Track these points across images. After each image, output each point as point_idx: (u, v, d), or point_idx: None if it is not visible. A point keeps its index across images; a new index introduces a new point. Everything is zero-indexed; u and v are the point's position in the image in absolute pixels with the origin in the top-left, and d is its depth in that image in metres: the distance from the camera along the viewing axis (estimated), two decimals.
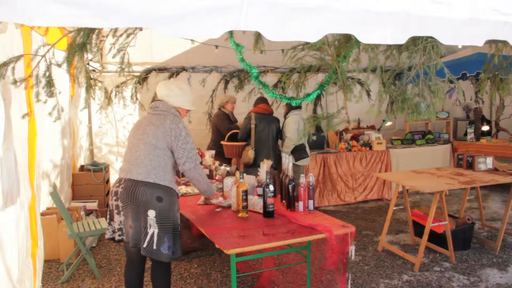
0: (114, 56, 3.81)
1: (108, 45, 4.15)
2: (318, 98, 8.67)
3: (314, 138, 7.80)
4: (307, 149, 6.56)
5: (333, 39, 3.43)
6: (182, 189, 4.64)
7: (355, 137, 8.16)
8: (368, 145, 7.98)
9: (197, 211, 3.97)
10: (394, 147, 8.34)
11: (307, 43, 3.46)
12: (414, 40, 3.11)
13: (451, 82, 8.83)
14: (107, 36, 3.84)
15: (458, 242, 5.36)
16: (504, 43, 3.24)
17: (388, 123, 8.91)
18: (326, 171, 7.53)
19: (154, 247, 3.31)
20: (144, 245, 3.31)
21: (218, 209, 4.03)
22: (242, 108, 7.80)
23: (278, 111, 7.47)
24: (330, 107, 8.82)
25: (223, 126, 6.81)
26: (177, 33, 2.33)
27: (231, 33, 3.58)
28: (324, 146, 8.16)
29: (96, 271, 4.79)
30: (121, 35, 3.86)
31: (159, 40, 7.35)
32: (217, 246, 3.12)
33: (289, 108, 6.42)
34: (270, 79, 8.16)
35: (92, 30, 3.38)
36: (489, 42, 4.31)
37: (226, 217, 3.75)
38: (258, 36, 3.66)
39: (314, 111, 8.71)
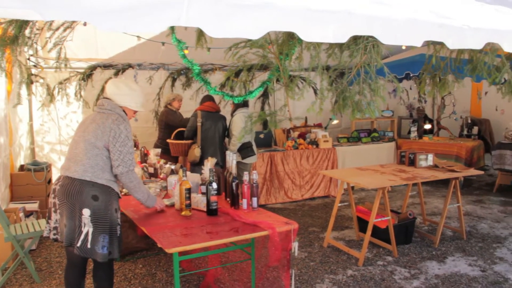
0: (50, 51, 3.67)
1: (51, 40, 4.00)
2: (266, 96, 8.70)
3: (262, 136, 7.83)
4: (254, 147, 6.57)
5: (276, 36, 3.44)
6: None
7: (302, 135, 8.25)
8: (314, 143, 8.08)
9: (140, 210, 3.89)
10: (340, 145, 8.48)
11: (250, 40, 3.45)
12: (355, 39, 3.16)
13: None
14: (42, 29, 3.69)
15: (401, 237, 5.51)
16: (441, 44, 3.33)
17: (335, 122, 9.06)
18: (273, 169, 7.57)
19: (89, 246, 3.23)
20: (78, 244, 3.23)
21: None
22: (190, 106, 7.71)
23: (226, 109, 7.44)
24: (278, 105, 8.86)
25: (175, 119, 6.75)
26: (116, 28, 2.27)
27: (172, 29, 3.52)
28: (272, 144, 8.20)
29: (35, 275, 4.61)
30: (57, 29, 3.71)
31: (104, 35, 7.16)
32: (158, 245, 3.07)
33: (236, 106, 6.41)
34: (219, 77, 8.11)
35: (25, 23, 3.24)
36: (428, 43, 4.44)
37: (169, 216, 3.69)
38: (200, 33, 3.62)
39: (262, 109, 8.73)
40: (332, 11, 2.79)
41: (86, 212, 3.23)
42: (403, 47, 7.98)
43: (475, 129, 9.39)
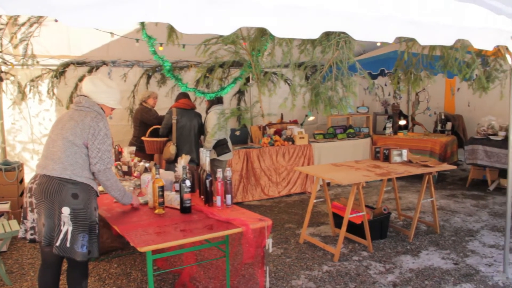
0: (15, 47, 3.59)
1: (16, 35, 3.92)
2: (242, 93, 8.69)
3: (238, 133, 7.81)
4: (230, 144, 6.55)
5: (248, 33, 3.43)
6: (99, 187, 4.47)
7: (278, 132, 8.25)
8: (290, 139, 8.09)
9: (113, 209, 3.84)
10: (316, 141, 8.51)
11: (221, 36, 3.43)
12: (327, 35, 3.17)
13: (372, 78, 9.19)
14: (6, 24, 3.61)
15: (376, 232, 5.56)
16: (413, 40, 3.36)
17: (311, 118, 9.09)
18: (250, 166, 7.56)
19: (68, 245, 3.17)
20: (57, 244, 3.17)
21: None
22: (165, 103, 7.66)
23: (202, 107, 7.41)
24: (254, 102, 8.85)
25: (149, 117, 6.69)
26: (83, 24, 2.23)
27: (142, 25, 3.48)
28: (248, 141, 8.18)
29: (6, 277, 4.51)
30: (23, 24, 3.63)
31: (77, 32, 7.04)
32: (131, 244, 3.04)
33: (211, 103, 6.38)
34: (194, 74, 8.05)
35: None
36: (400, 40, 4.48)
37: (142, 214, 3.65)
38: (171, 29, 3.59)
39: (238, 106, 8.71)
40: (304, 7, 2.78)
41: (66, 211, 3.18)
42: (378, 44, 8.05)
43: (449, 125, 9.53)
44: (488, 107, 8.61)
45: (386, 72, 8.11)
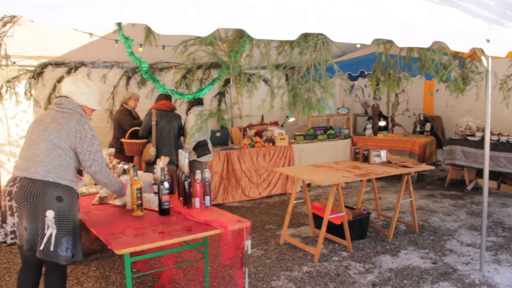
0: None
1: None
2: (222, 94, 8.68)
3: (218, 134, 7.80)
4: (210, 145, 6.53)
5: (226, 34, 3.42)
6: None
7: (258, 133, 8.26)
8: (271, 140, 8.10)
9: (91, 211, 3.81)
10: (296, 143, 8.54)
11: (199, 37, 3.42)
12: (305, 37, 3.18)
13: (351, 79, 9.27)
14: None
15: (355, 232, 5.59)
16: (391, 42, 3.39)
17: (291, 119, 9.11)
18: (230, 167, 7.55)
19: (52, 249, 3.13)
20: (41, 248, 3.12)
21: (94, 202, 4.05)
22: (145, 104, 7.60)
23: (182, 108, 7.38)
24: (240, 102, 8.83)
25: (125, 121, 6.63)
26: (57, 23, 2.21)
27: (119, 25, 3.46)
28: (228, 143, 8.17)
29: None
30: None
31: (55, 32, 6.95)
32: (108, 246, 3.01)
33: (191, 104, 6.36)
34: (175, 74, 8.01)
35: None
36: (378, 41, 4.52)
37: (120, 216, 3.63)
38: (148, 30, 3.57)
39: (219, 107, 8.70)
40: (282, 9, 2.79)
41: (50, 214, 3.14)
42: (358, 45, 8.10)
43: (428, 126, 9.65)
44: (466, 108, 8.73)
45: (366, 73, 8.18)
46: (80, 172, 3.93)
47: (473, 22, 3.90)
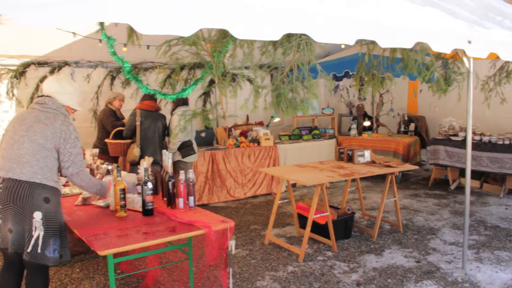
0: None
1: None
2: (207, 94, 8.66)
3: (203, 134, 7.78)
4: (195, 145, 6.52)
5: (209, 34, 3.42)
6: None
7: (243, 133, 8.26)
8: (256, 141, 8.11)
9: (74, 212, 3.78)
10: (282, 143, 8.55)
11: (182, 37, 3.41)
12: (288, 37, 3.19)
13: (336, 79, 9.31)
14: None
15: (340, 232, 5.62)
16: (374, 43, 3.41)
17: (276, 119, 9.12)
18: (215, 167, 7.54)
19: (39, 251, 3.11)
20: (28, 250, 3.10)
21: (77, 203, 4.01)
22: (130, 104, 7.57)
23: (167, 108, 7.35)
24: (223, 102, 8.82)
25: (108, 122, 6.59)
26: (38, 23, 2.19)
27: (102, 25, 3.44)
28: (213, 143, 8.16)
29: None
30: None
31: (38, 32, 6.88)
32: (91, 248, 2.99)
33: (176, 104, 6.34)
34: (159, 75, 7.98)
35: None
36: (361, 42, 4.55)
37: (104, 217, 3.61)
38: (131, 29, 3.55)
39: (204, 108, 8.68)
40: (265, 9, 2.80)
41: (38, 216, 3.13)
42: (342, 46, 8.15)
43: (412, 126, 9.73)
44: (450, 108, 8.82)
45: (350, 74, 8.23)
46: None
47: (455, 23, 3.94)
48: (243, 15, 2.67)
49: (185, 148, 6.26)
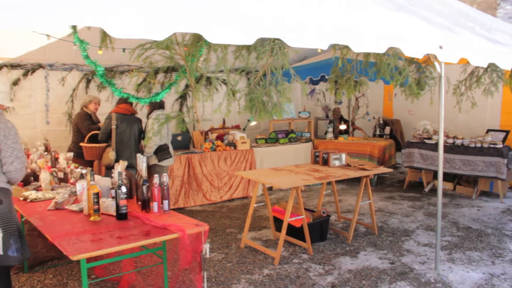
0: None
1: None
2: (184, 98, 8.64)
3: (179, 138, 7.75)
4: (171, 149, 6.49)
5: (183, 38, 3.42)
6: (32, 194, 4.33)
7: (220, 137, 8.25)
8: (232, 144, 8.11)
9: (47, 217, 3.73)
10: (258, 146, 8.57)
11: (155, 41, 3.41)
12: (262, 42, 3.22)
13: (313, 83, 9.37)
14: None
15: (315, 234, 5.66)
16: (348, 47, 3.46)
17: (253, 123, 9.13)
18: (191, 171, 7.51)
19: (1, 252, 3.07)
20: None
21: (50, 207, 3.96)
22: (106, 108, 7.46)
23: (143, 112, 7.30)
24: (197, 106, 8.77)
25: (83, 125, 6.52)
26: (11, 26, 2.17)
27: (74, 28, 3.42)
28: (190, 147, 8.13)
29: None
30: None
31: (10, 33, 6.77)
32: (63, 252, 2.96)
33: (152, 108, 6.31)
34: (135, 78, 7.92)
35: None
36: (334, 47, 4.60)
37: (77, 222, 3.57)
38: (104, 33, 3.53)
39: (180, 111, 8.65)
40: (239, 13, 2.82)
41: None
42: (319, 50, 8.22)
43: (387, 129, 9.85)
44: (424, 111, 8.95)
45: (326, 77, 8.30)
46: None
47: (427, 29, 4.02)
48: (217, 20, 2.69)
49: (161, 152, 6.24)
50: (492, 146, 7.49)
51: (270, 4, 3.05)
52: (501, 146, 7.48)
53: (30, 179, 4.87)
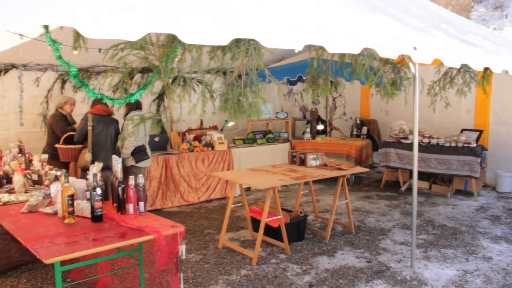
0: None
1: None
2: (161, 98, 8.58)
3: (157, 139, 7.70)
4: (148, 150, 6.44)
5: (157, 38, 3.41)
6: (5, 197, 4.25)
7: (197, 138, 8.22)
8: (210, 145, 8.08)
9: (19, 220, 3.67)
10: (236, 147, 8.56)
11: (129, 41, 3.39)
12: (237, 42, 3.22)
13: (290, 84, 9.39)
14: None
15: (293, 234, 5.68)
16: (323, 48, 3.48)
17: (230, 124, 9.11)
18: (169, 172, 7.47)
19: None
20: None
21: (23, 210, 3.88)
22: (82, 109, 7.38)
23: (120, 112, 7.24)
24: (174, 107, 8.72)
25: (58, 127, 6.43)
26: None
27: (46, 28, 3.37)
28: (167, 147, 8.09)
29: None
30: None
31: None
32: (36, 256, 2.92)
33: (129, 109, 6.26)
34: (110, 79, 7.84)
35: None
36: (310, 47, 4.62)
37: (51, 225, 3.52)
38: (77, 33, 3.49)
39: (157, 111, 8.59)
40: (213, 14, 2.81)
41: None
42: (296, 51, 8.23)
43: (364, 129, 9.93)
44: (400, 111, 9.06)
45: (304, 78, 8.33)
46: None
47: (401, 30, 4.07)
48: (191, 20, 2.68)
49: (138, 153, 6.18)
50: (466, 145, 7.63)
51: (244, 4, 3.06)
52: (474, 145, 7.62)
53: (3, 181, 4.79)
